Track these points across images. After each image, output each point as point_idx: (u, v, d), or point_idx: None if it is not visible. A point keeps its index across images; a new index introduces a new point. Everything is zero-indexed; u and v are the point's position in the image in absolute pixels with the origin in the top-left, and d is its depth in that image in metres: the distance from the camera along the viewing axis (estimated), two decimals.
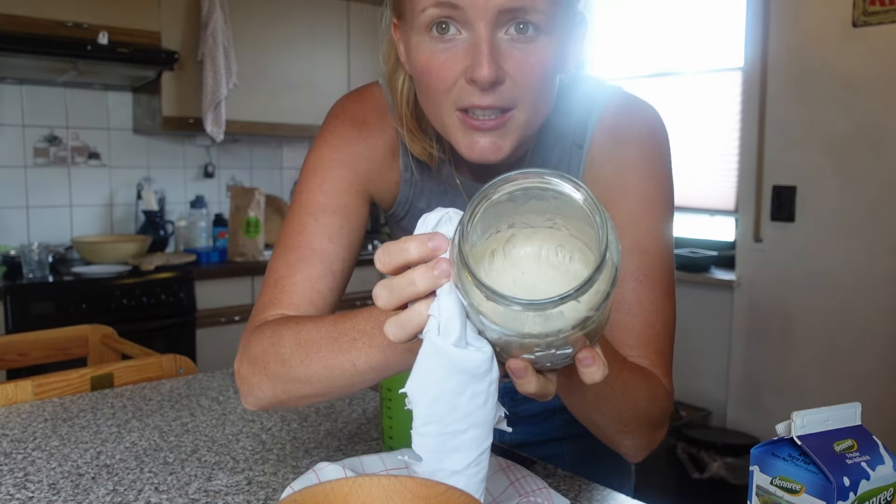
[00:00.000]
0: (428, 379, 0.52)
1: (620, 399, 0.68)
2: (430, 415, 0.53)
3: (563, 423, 1.04)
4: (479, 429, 0.54)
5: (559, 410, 1.03)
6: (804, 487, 0.55)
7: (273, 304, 0.80)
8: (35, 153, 3.10)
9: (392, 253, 0.52)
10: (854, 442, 0.57)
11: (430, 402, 0.53)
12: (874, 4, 2.41)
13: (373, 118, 0.87)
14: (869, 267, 2.49)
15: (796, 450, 0.56)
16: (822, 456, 0.54)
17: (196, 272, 2.98)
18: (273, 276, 0.82)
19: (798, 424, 0.55)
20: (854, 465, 0.55)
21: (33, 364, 1.57)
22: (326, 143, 0.86)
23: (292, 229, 0.83)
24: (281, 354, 0.71)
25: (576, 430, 1.02)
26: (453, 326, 0.50)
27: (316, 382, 0.69)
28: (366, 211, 0.87)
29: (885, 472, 0.56)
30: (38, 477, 0.86)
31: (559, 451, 1.05)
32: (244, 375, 0.75)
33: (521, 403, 1.02)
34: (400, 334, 0.53)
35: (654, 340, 0.76)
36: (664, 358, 0.77)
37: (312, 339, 0.68)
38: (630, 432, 0.73)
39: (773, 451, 0.57)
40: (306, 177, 0.85)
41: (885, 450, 0.57)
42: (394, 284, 0.52)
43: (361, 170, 0.86)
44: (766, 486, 0.57)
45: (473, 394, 0.53)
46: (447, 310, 0.50)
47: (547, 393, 0.55)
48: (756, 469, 0.58)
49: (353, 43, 3.60)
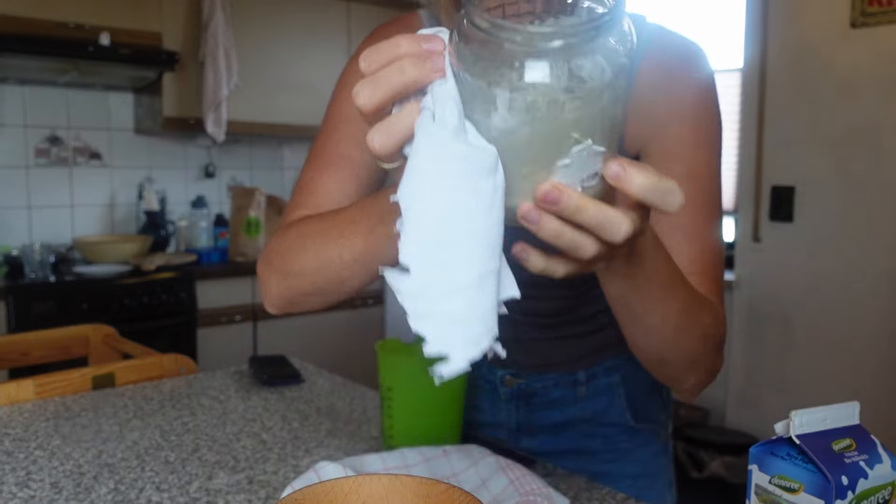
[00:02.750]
0: (422, 177, 0.43)
1: (693, 327, 0.66)
2: (422, 218, 0.43)
3: (580, 436, 1.00)
4: (482, 242, 0.43)
5: (577, 423, 1.00)
6: (803, 486, 0.55)
7: (298, 206, 0.81)
8: (36, 153, 3.11)
9: (379, 51, 0.45)
10: (852, 441, 0.57)
11: (423, 204, 0.43)
12: (872, 5, 2.42)
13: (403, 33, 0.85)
14: (868, 267, 2.49)
15: (795, 449, 0.56)
16: (821, 455, 0.54)
17: (197, 272, 2.99)
18: (300, 182, 0.83)
19: (796, 423, 0.55)
20: (852, 464, 0.55)
21: (35, 363, 1.57)
22: (356, 58, 0.85)
23: (320, 139, 0.84)
24: (282, 249, 0.72)
25: (593, 446, 1.00)
26: (451, 113, 0.42)
27: (308, 275, 0.69)
28: None
29: (884, 471, 0.56)
30: (40, 476, 0.86)
31: (573, 466, 0.99)
32: (260, 275, 0.78)
33: (538, 410, 0.99)
34: (385, 141, 0.45)
35: (710, 267, 0.75)
36: (717, 284, 0.76)
37: (309, 231, 0.69)
38: (697, 366, 0.72)
39: (771, 451, 0.58)
40: (336, 90, 0.86)
41: (884, 449, 0.58)
42: (379, 75, 0.45)
43: None
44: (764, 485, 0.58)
45: (475, 190, 0.42)
46: (442, 96, 0.42)
47: (554, 272, 0.48)
48: (755, 468, 0.58)
49: (354, 43, 3.60)
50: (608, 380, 0.97)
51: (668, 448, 1.04)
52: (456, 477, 0.76)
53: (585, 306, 0.91)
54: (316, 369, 1.31)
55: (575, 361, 0.96)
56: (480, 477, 0.75)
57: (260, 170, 3.75)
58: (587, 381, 0.96)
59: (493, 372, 1.00)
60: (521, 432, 1.02)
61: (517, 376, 0.98)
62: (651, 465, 1.02)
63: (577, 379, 0.97)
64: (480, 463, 0.77)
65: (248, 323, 3.12)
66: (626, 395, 0.97)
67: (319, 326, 3.28)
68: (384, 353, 0.90)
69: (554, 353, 0.94)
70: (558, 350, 0.93)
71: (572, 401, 0.98)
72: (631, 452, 1.00)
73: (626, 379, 0.97)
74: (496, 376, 1.00)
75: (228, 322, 3.06)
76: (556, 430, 1.00)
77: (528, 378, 0.98)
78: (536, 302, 0.87)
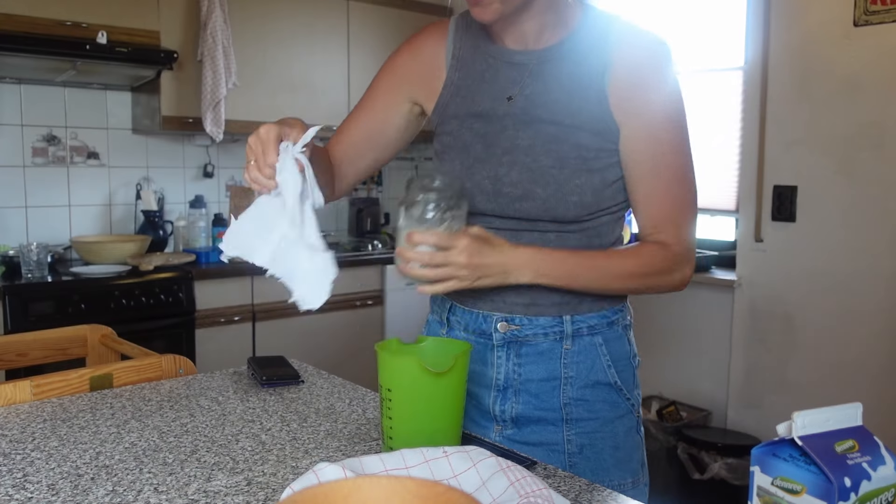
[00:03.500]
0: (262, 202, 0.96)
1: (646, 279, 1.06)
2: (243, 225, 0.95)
3: (567, 402, 1.07)
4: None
5: (563, 382, 1.07)
6: (805, 488, 0.55)
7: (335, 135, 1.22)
8: (34, 153, 3.10)
9: (252, 149, 0.99)
10: (855, 442, 0.56)
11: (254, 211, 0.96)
12: (875, 3, 2.41)
13: (425, 32, 1.17)
14: (870, 267, 2.49)
15: (797, 450, 0.56)
16: (823, 456, 0.54)
17: (195, 272, 2.98)
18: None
19: (799, 425, 0.55)
20: (855, 465, 0.54)
21: (32, 364, 1.57)
22: (398, 51, 1.19)
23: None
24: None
25: (578, 413, 1.08)
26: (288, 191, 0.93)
27: None
28: (403, 108, 1.17)
29: (887, 473, 0.55)
30: (37, 477, 0.85)
31: (559, 437, 1.07)
32: None
33: (527, 364, 1.07)
34: (252, 176, 0.98)
35: (675, 217, 1.05)
36: (679, 228, 1.05)
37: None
38: (669, 285, 1.07)
39: (773, 452, 0.57)
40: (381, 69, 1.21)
41: (887, 450, 0.57)
42: (252, 164, 0.99)
43: (404, 71, 1.16)
44: (767, 487, 0.57)
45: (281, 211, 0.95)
46: (283, 185, 0.94)
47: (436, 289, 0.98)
48: (757, 469, 0.58)
49: (353, 42, 3.60)
50: (591, 339, 1.08)
51: (640, 427, 1.14)
52: (456, 478, 0.76)
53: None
54: (315, 370, 1.31)
55: (560, 305, 1.07)
56: (481, 478, 0.75)
57: None
58: (573, 336, 1.07)
59: (489, 319, 1.08)
60: (508, 390, 1.08)
61: (510, 322, 1.07)
62: (628, 440, 1.11)
63: (563, 331, 1.07)
64: (481, 464, 0.76)
65: (246, 323, 3.11)
66: (608, 355, 1.09)
67: (319, 327, 3.27)
68: (384, 353, 0.90)
69: (540, 295, 1.06)
70: (543, 291, 1.05)
71: (558, 356, 1.07)
72: (611, 424, 1.09)
73: (607, 341, 1.09)
74: (491, 323, 1.08)
75: (227, 322, 3.06)
76: (542, 390, 1.07)
77: (520, 324, 1.07)
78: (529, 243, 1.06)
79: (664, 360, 3.12)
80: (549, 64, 1.05)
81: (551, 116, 1.03)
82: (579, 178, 1.01)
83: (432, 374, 0.85)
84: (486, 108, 1.07)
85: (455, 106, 1.10)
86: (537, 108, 1.04)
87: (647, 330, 3.15)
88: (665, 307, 3.09)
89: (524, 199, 1.03)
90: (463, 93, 1.10)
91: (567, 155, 1.01)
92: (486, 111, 1.07)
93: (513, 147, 1.04)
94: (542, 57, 1.05)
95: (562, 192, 1.01)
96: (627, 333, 1.12)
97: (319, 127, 0.97)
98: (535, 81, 1.05)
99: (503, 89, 1.07)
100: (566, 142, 1.01)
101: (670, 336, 3.09)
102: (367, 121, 1.18)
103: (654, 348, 3.14)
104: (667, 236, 1.05)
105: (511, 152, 1.04)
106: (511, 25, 1.05)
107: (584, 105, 1.02)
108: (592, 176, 1.02)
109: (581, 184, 1.01)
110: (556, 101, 1.03)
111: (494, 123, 1.06)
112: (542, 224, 1.04)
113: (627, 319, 1.13)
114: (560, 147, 1.01)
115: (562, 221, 1.03)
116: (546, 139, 1.02)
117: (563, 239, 1.05)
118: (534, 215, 1.03)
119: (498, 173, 1.04)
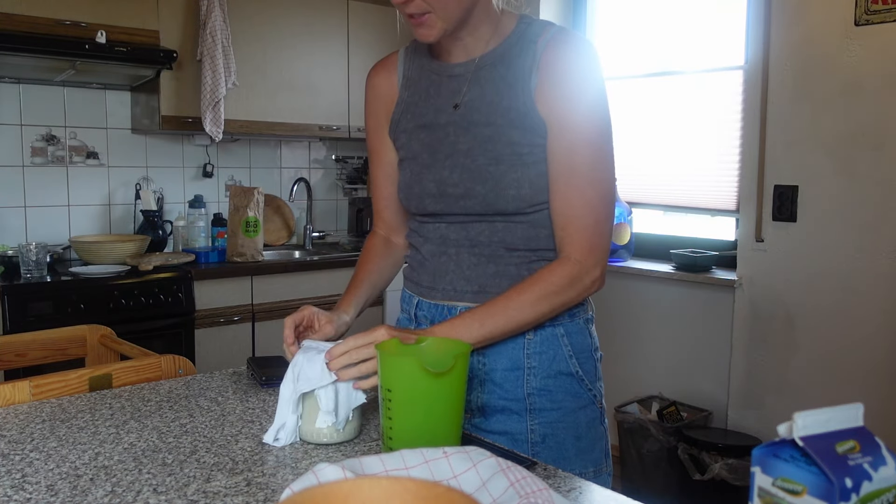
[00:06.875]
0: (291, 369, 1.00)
1: (549, 303, 1.07)
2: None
3: (531, 392, 1.12)
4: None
5: (526, 372, 1.12)
6: (806, 489, 0.54)
7: (376, 209, 1.35)
8: (33, 152, 3.10)
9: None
10: (856, 443, 0.56)
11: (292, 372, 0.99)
12: (876, 3, 2.41)
13: (376, 68, 1.28)
14: (871, 267, 2.49)
15: (798, 451, 0.55)
16: (824, 457, 0.54)
17: (195, 272, 2.98)
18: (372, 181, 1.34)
19: (800, 425, 0.55)
20: (856, 466, 0.54)
21: (31, 364, 1.57)
22: (368, 86, 1.29)
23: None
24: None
25: (541, 404, 1.13)
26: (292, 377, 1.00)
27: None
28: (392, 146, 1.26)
29: (888, 474, 0.55)
30: (35, 478, 0.85)
31: (523, 427, 1.12)
32: None
33: (490, 355, 1.13)
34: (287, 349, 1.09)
35: (580, 219, 1.08)
36: (584, 231, 1.08)
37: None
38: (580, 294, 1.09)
39: (774, 453, 0.57)
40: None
41: (888, 451, 0.57)
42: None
43: (373, 109, 1.27)
44: (767, 488, 0.57)
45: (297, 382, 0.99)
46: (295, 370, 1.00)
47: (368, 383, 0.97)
48: (758, 470, 0.58)
49: (353, 42, 3.60)
50: (553, 330, 1.13)
51: (603, 418, 1.19)
52: (456, 479, 0.76)
53: (516, 239, 1.13)
54: None
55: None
56: (481, 479, 0.75)
57: (258, 169, 3.74)
58: (535, 328, 1.12)
59: (453, 311, 1.15)
60: (473, 380, 1.14)
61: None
62: (590, 430, 1.16)
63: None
64: (481, 465, 0.76)
65: (246, 324, 3.11)
66: (570, 346, 1.14)
67: None
68: (384, 354, 0.90)
69: (491, 283, 1.13)
70: (491, 277, 1.13)
71: (521, 346, 1.12)
72: (573, 414, 1.14)
73: (569, 333, 1.14)
74: (455, 313, 1.14)
75: (227, 323, 3.05)
76: (506, 380, 1.12)
77: None
78: (477, 234, 1.14)
79: (664, 360, 3.12)
80: (484, 70, 1.14)
81: (486, 118, 1.11)
82: (515, 173, 1.08)
83: (432, 374, 0.85)
84: (430, 119, 1.17)
85: (405, 121, 1.21)
86: (475, 112, 1.12)
87: (648, 330, 3.15)
88: (665, 307, 3.09)
89: (466, 196, 1.11)
90: (412, 109, 1.20)
91: (502, 152, 1.09)
92: (431, 122, 1.17)
93: (454, 151, 1.13)
94: (479, 64, 1.14)
95: (500, 187, 1.09)
96: (589, 327, 1.18)
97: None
98: (473, 88, 1.14)
99: (447, 100, 1.16)
100: (500, 140, 1.10)
101: (671, 336, 3.09)
102: (382, 168, 1.29)
103: (654, 348, 3.14)
104: (570, 242, 1.08)
105: (452, 156, 1.13)
106: (454, 41, 1.14)
107: (513, 104, 1.09)
108: (528, 169, 1.09)
109: (518, 178, 1.09)
110: (490, 104, 1.11)
111: (438, 132, 1.16)
112: (488, 217, 1.12)
113: (589, 313, 1.19)
114: (495, 146, 1.10)
115: (505, 213, 1.11)
116: (482, 140, 1.11)
117: (511, 230, 1.12)
118: (478, 210, 1.12)
119: (442, 176, 1.14)
